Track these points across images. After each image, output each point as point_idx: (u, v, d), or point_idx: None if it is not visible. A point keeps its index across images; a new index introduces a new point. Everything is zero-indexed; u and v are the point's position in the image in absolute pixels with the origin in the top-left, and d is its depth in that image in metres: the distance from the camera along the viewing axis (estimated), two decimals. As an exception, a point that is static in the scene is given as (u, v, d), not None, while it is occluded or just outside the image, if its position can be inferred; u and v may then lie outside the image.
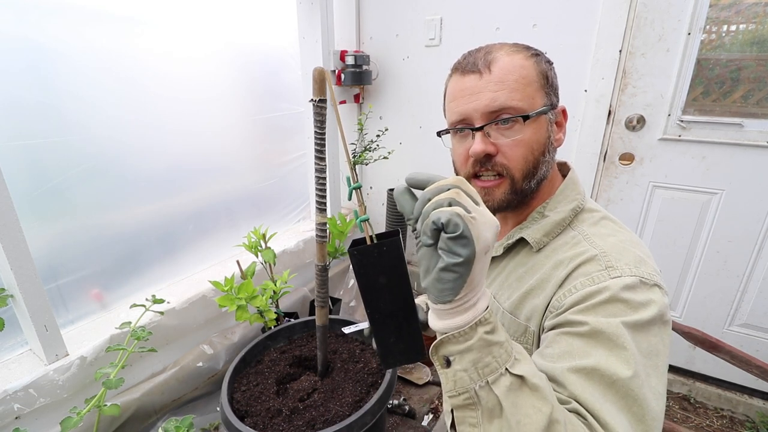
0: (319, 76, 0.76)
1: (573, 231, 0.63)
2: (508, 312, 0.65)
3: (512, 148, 0.60)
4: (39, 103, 1.08)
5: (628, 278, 0.53)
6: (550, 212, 0.65)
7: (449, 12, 1.77)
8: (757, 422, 1.52)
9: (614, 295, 0.52)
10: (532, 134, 0.60)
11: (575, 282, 0.56)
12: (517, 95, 0.58)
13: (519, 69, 0.59)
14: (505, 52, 0.60)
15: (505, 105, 0.58)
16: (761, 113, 1.34)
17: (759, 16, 1.28)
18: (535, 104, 0.60)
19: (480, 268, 0.41)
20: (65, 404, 1.09)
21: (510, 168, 0.61)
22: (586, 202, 0.67)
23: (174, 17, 1.35)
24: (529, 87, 0.59)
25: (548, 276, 0.61)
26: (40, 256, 1.11)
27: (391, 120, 2.10)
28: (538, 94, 0.60)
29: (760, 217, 1.40)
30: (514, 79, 0.58)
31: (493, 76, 0.58)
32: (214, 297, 1.37)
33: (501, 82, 0.58)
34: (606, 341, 0.49)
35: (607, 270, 0.55)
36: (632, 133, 1.53)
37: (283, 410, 0.99)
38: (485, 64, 0.59)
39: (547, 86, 0.61)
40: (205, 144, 1.56)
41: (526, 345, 0.63)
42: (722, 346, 1.00)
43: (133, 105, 1.29)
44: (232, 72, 1.61)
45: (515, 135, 0.59)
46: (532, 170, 0.62)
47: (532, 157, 0.61)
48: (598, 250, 0.57)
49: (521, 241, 0.67)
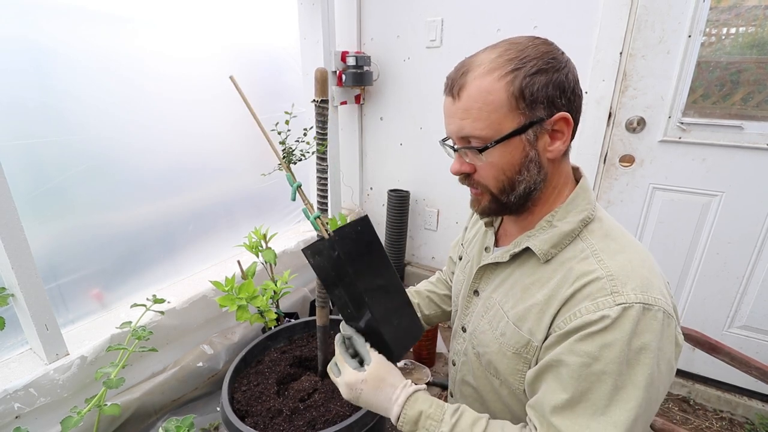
0: (320, 77, 0.76)
1: (582, 243, 0.63)
2: (512, 322, 0.66)
3: (484, 169, 0.63)
4: (39, 103, 1.08)
5: (632, 306, 0.54)
6: (559, 222, 0.64)
7: (450, 13, 1.78)
8: (756, 424, 1.52)
9: (613, 326, 0.53)
10: (500, 157, 0.60)
11: (580, 306, 0.57)
12: (479, 124, 0.59)
13: (485, 95, 0.58)
14: (478, 74, 0.58)
15: (470, 134, 0.60)
16: (761, 115, 1.34)
17: (759, 18, 1.28)
18: (502, 129, 0.59)
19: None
20: (65, 404, 1.09)
21: (485, 186, 0.64)
22: (596, 211, 0.66)
23: (174, 18, 1.36)
24: (495, 113, 0.58)
25: (554, 293, 0.61)
26: (41, 255, 1.11)
27: (392, 121, 2.11)
28: (506, 118, 0.58)
29: (759, 219, 1.40)
30: (477, 108, 0.58)
31: (461, 104, 0.60)
32: (214, 297, 1.37)
33: (466, 111, 0.59)
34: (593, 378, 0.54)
35: (612, 296, 0.55)
36: (632, 134, 1.53)
37: (283, 410, 0.99)
38: (457, 88, 0.60)
39: (524, 105, 0.58)
40: (206, 144, 1.56)
41: (526, 356, 0.64)
42: (722, 348, 1.00)
43: (133, 105, 1.29)
44: (232, 72, 1.60)
45: (486, 157, 0.61)
46: (507, 188, 0.63)
47: (504, 177, 0.62)
48: (605, 271, 0.57)
49: (528, 249, 0.66)
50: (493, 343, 0.69)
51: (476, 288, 0.77)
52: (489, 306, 0.72)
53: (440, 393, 1.64)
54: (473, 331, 0.76)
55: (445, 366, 1.77)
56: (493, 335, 0.69)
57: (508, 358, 0.66)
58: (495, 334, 0.69)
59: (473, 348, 0.75)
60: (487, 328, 0.71)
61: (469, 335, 0.77)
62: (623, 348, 0.53)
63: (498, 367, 0.69)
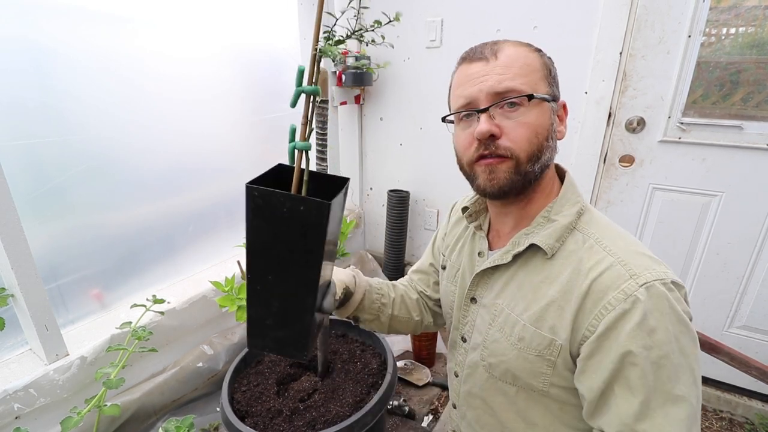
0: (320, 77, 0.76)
1: (580, 234, 0.63)
2: (530, 324, 0.63)
3: (516, 129, 0.61)
4: (39, 103, 1.08)
5: (653, 284, 0.55)
6: (556, 216, 0.65)
7: (450, 13, 1.78)
8: (756, 424, 1.52)
9: (650, 309, 0.54)
10: (536, 117, 0.61)
11: (607, 298, 0.56)
12: (522, 79, 0.61)
13: (524, 57, 0.62)
14: (511, 44, 0.64)
15: (510, 87, 0.60)
16: (761, 116, 1.34)
17: (758, 19, 1.28)
18: (539, 90, 0.62)
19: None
20: (65, 404, 1.09)
21: (514, 149, 0.61)
22: (585, 204, 0.68)
23: (175, 18, 1.35)
24: (534, 74, 0.62)
25: (570, 286, 0.60)
26: (41, 255, 1.10)
27: (392, 121, 2.11)
28: (541, 82, 0.63)
29: (759, 219, 1.40)
30: (519, 65, 0.61)
31: (499, 62, 0.61)
32: (214, 297, 1.37)
33: (507, 67, 0.61)
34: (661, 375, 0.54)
35: (633, 279, 0.56)
36: (632, 135, 1.54)
37: (283, 410, 0.99)
38: (492, 52, 0.62)
39: (550, 78, 0.64)
40: (206, 144, 1.56)
41: (550, 357, 0.62)
42: (721, 348, 1.00)
43: (133, 105, 1.29)
44: (232, 73, 1.61)
45: (520, 117, 0.60)
46: (536, 153, 0.62)
47: (537, 140, 0.61)
48: (615, 258, 0.58)
49: (530, 247, 0.65)
50: (510, 350, 0.66)
51: (473, 296, 0.75)
52: (495, 313, 0.70)
53: (440, 393, 1.64)
54: (483, 342, 0.72)
55: (444, 366, 1.77)
56: (509, 342, 0.66)
57: (530, 362, 0.64)
58: (511, 341, 0.66)
59: (482, 360, 0.72)
60: (500, 336, 0.68)
61: (474, 346, 0.74)
62: (668, 326, 0.53)
63: (517, 374, 0.66)
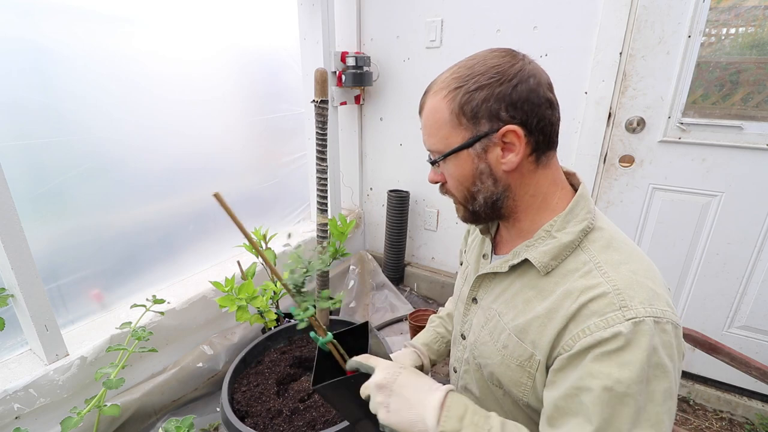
0: (320, 78, 0.76)
1: (583, 254, 0.61)
2: (514, 334, 0.64)
3: (448, 180, 0.69)
4: (40, 103, 1.09)
5: (643, 320, 0.53)
6: (558, 233, 0.63)
7: (450, 14, 1.78)
8: (756, 424, 1.52)
9: (630, 344, 0.52)
10: (454, 169, 0.66)
11: (588, 323, 0.55)
12: (432, 140, 0.66)
13: (433, 113, 0.65)
14: (431, 94, 0.65)
15: (429, 148, 0.68)
16: (760, 116, 1.34)
17: (758, 19, 1.28)
18: (451, 143, 0.63)
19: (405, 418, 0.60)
20: (65, 404, 1.09)
21: (454, 194, 0.70)
22: (596, 220, 0.64)
23: (175, 19, 1.36)
24: (442, 130, 0.64)
25: (557, 306, 0.59)
26: (41, 256, 1.11)
27: (392, 121, 2.11)
28: (452, 134, 0.63)
29: (759, 219, 1.40)
30: (430, 125, 0.66)
31: (422, 121, 0.68)
32: (214, 297, 1.37)
33: (425, 127, 0.67)
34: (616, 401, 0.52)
35: (621, 311, 0.53)
36: (632, 135, 1.53)
37: (283, 411, 1.00)
38: (420, 107, 0.69)
39: (466, 120, 0.61)
40: (206, 145, 1.56)
41: (530, 370, 0.62)
42: (722, 348, 1.00)
43: (133, 106, 1.29)
44: (232, 73, 1.61)
45: (445, 170, 0.68)
46: (469, 198, 0.67)
47: (463, 188, 0.67)
48: (611, 285, 0.56)
49: (528, 261, 0.65)
50: (495, 355, 0.68)
51: (474, 296, 0.76)
52: (489, 316, 0.71)
53: (440, 393, 1.63)
54: (474, 341, 0.74)
55: (444, 366, 1.77)
56: (495, 347, 0.68)
57: (512, 370, 0.65)
58: (497, 347, 0.68)
59: (474, 359, 0.74)
60: (488, 339, 0.70)
61: (470, 345, 0.76)
62: (643, 366, 0.51)
63: (501, 379, 0.68)
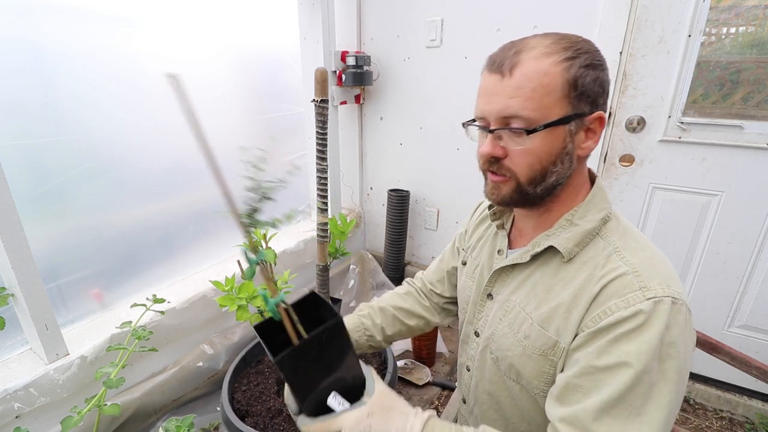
0: (320, 77, 0.76)
1: (602, 241, 0.63)
2: (537, 324, 0.64)
3: (519, 155, 0.60)
4: (40, 103, 1.09)
5: (662, 299, 0.54)
6: (579, 220, 0.64)
7: (450, 13, 1.78)
8: (756, 423, 1.52)
9: (649, 322, 0.53)
10: (541, 144, 0.59)
11: (609, 303, 0.56)
12: (530, 104, 0.57)
13: (541, 77, 0.56)
14: (534, 55, 0.57)
15: (516, 113, 0.57)
16: (761, 115, 1.34)
17: (759, 18, 1.28)
18: (551, 114, 0.57)
19: None
20: (65, 403, 1.09)
21: (515, 173, 0.61)
22: (612, 211, 0.66)
23: (175, 19, 1.36)
24: (547, 97, 0.57)
25: (581, 291, 0.60)
26: (41, 255, 1.11)
27: (392, 121, 2.11)
28: (557, 104, 0.57)
29: (759, 218, 1.40)
30: (531, 87, 0.56)
31: (512, 81, 0.57)
32: (214, 297, 1.37)
33: (518, 89, 0.57)
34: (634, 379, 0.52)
35: (641, 291, 0.55)
36: (632, 134, 1.53)
37: (283, 410, 1.00)
38: (509, 66, 0.58)
39: (575, 95, 0.58)
40: (206, 144, 1.56)
41: (553, 357, 0.62)
42: (722, 348, 1.00)
43: (133, 106, 1.29)
44: (232, 73, 1.61)
45: (523, 143, 0.59)
46: (538, 178, 0.61)
47: (539, 167, 0.60)
48: (630, 267, 0.58)
49: (549, 249, 0.65)
50: (516, 346, 0.67)
51: (490, 291, 0.76)
52: (508, 309, 0.71)
53: (440, 392, 1.64)
54: (491, 335, 0.73)
55: (444, 366, 1.77)
56: (516, 338, 0.67)
57: (533, 360, 0.65)
58: (518, 337, 0.67)
59: (491, 353, 0.73)
60: (508, 331, 0.69)
61: (484, 340, 0.75)
62: (658, 344, 0.52)
63: (521, 370, 0.67)
